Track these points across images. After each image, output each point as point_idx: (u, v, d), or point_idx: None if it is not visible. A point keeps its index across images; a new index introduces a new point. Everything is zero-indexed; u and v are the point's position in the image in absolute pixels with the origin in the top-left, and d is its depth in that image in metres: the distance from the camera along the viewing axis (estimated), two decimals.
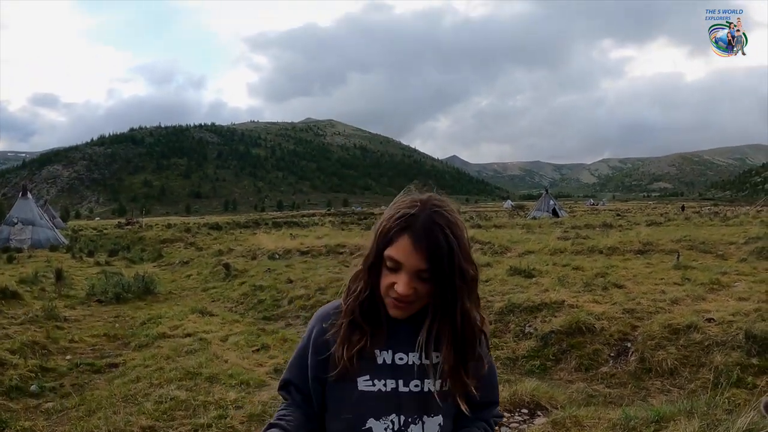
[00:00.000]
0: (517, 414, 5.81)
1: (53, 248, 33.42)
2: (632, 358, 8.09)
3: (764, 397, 2.04)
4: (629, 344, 8.38)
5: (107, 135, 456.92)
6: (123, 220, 69.78)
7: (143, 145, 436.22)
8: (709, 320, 8.29)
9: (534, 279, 12.35)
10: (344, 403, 1.85)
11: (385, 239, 1.75)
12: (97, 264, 25.12)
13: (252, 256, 23.16)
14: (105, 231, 56.60)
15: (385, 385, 1.83)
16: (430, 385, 1.84)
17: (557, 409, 5.80)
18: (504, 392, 6.11)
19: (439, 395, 1.83)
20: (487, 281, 12.22)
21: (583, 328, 8.65)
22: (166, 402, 6.32)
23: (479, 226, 34.62)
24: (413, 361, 1.85)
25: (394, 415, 1.83)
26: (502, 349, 8.64)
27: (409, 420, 1.84)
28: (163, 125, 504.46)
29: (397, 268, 1.72)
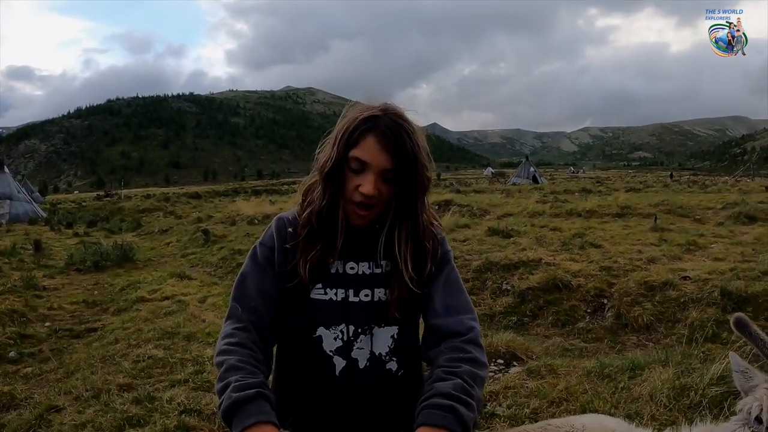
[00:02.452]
0: (492, 364, 5.86)
1: (32, 222, 32.93)
2: (608, 314, 8.20)
3: (735, 315, 2.04)
4: (605, 300, 8.49)
5: (84, 107, 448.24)
6: (102, 193, 68.76)
7: (121, 116, 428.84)
8: (685, 278, 8.42)
9: (512, 239, 12.39)
10: (296, 312, 1.87)
11: (348, 141, 1.75)
12: (76, 235, 24.89)
13: (231, 222, 23.04)
14: (84, 203, 55.96)
15: (336, 294, 1.84)
16: (381, 294, 1.85)
17: (533, 359, 5.87)
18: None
19: (391, 304, 1.84)
20: (464, 241, 12.25)
21: (560, 285, 8.75)
22: (143, 361, 6.32)
23: (458, 192, 34.64)
24: (363, 271, 1.86)
25: (343, 324, 1.85)
26: (479, 305, 8.69)
27: (359, 330, 1.85)
28: (140, 96, 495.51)
29: (362, 169, 1.74)
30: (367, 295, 1.86)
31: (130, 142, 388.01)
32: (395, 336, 1.89)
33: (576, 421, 1.79)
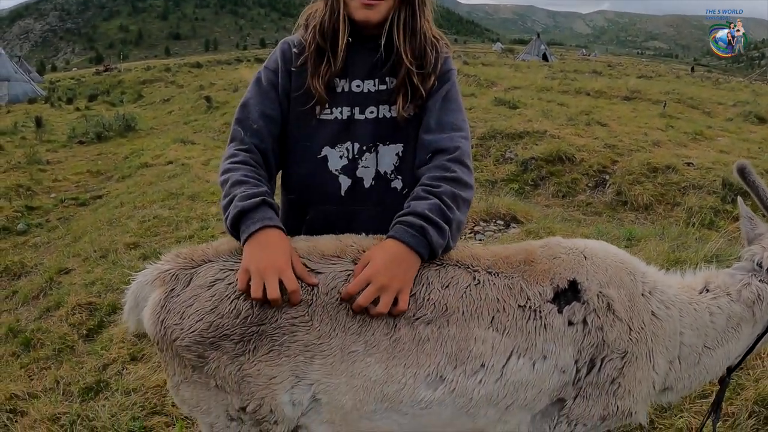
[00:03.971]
0: (492, 224, 5.97)
1: (31, 101, 32.46)
2: (609, 190, 8.25)
3: (739, 161, 2.01)
4: (607, 177, 8.52)
5: None
6: (101, 68, 67.12)
7: None
8: (689, 164, 8.42)
9: (518, 110, 12.30)
10: (302, 132, 1.86)
11: None
12: (77, 110, 24.70)
13: (234, 88, 22.69)
14: (83, 79, 54.91)
15: (341, 112, 1.83)
16: (386, 111, 1.84)
17: (532, 223, 5.96)
18: (480, 204, 6.24)
19: (397, 120, 1.84)
20: (470, 109, 12.10)
21: (564, 157, 8.75)
22: (149, 221, 6.45)
23: (466, 63, 33.89)
24: (369, 89, 1.84)
25: (348, 143, 1.85)
26: (482, 171, 8.76)
27: (364, 148, 1.86)
28: None
29: None
30: (372, 113, 1.85)
31: (128, 15, 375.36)
32: (400, 154, 1.89)
33: (580, 243, 1.81)
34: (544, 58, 57.74)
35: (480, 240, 5.66)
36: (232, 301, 1.54)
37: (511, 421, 1.69)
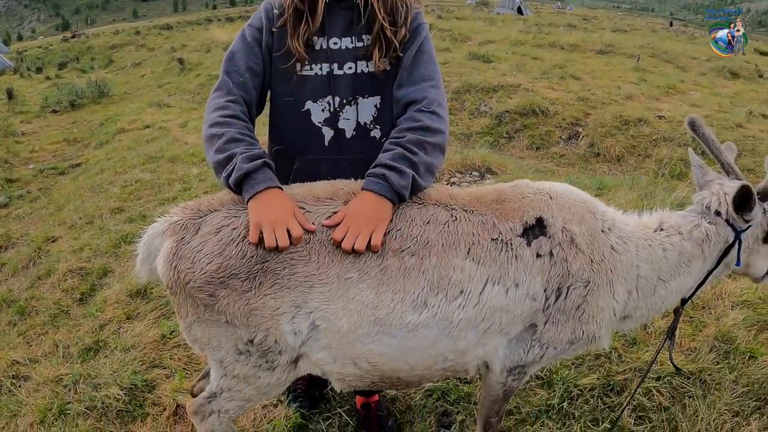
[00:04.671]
0: (468, 176, 6.14)
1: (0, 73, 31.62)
2: (582, 142, 8.42)
3: (690, 115, 2.20)
4: (580, 129, 8.68)
5: None
6: (68, 34, 64.89)
7: None
8: (660, 117, 8.61)
9: (492, 64, 12.38)
10: (285, 88, 2.02)
11: None
12: (48, 79, 24.08)
13: (206, 49, 22.28)
14: (51, 47, 53.22)
15: (321, 69, 1.99)
16: (363, 66, 2.00)
17: (506, 174, 6.13)
18: (456, 156, 6.40)
19: (374, 74, 1.99)
20: (445, 64, 12.15)
21: (538, 110, 8.90)
22: (131, 185, 6.52)
23: (440, 17, 33.49)
24: (346, 46, 1.99)
25: (329, 97, 2.02)
26: (457, 125, 8.88)
27: (344, 101, 2.03)
28: None
29: None
30: (350, 68, 1.99)
31: None
32: (378, 106, 2.05)
33: (546, 184, 1.98)
34: (519, 11, 57.07)
35: None
36: (237, 244, 1.73)
37: (489, 344, 1.89)
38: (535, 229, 1.87)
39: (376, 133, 2.08)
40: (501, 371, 2.00)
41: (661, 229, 2.07)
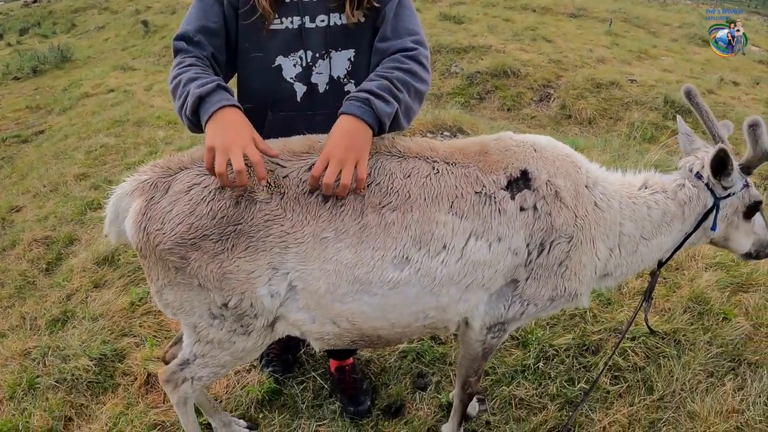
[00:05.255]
0: (440, 136, 6.09)
1: None
2: (554, 104, 8.42)
3: (686, 84, 2.19)
4: (552, 91, 8.66)
5: None
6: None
7: None
8: (632, 81, 8.62)
9: (463, 25, 12.23)
10: (254, 43, 1.90)
11: None
12: (9, 45, 23.08)
13: (171, 11, 21.55)
14: (11, 13, 51.36)
15: (292, 22, 1.88)
16: (336, 19, 1.89)
17: (478, 134, 6.09)
18: (427, 116, 6.33)
19: (347, 26, 1.89)
20: None
21: (509, 71, 8.85)
22: (96, 150, 6.33)
23: None
24: None
25: (301, 51, 1.91)
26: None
27: (317, 55, 1.92)
28: None
29: None
30: (323, 21, 1.89)
31: None
32: (352, 59, 1.95)
33: (530, 137, 1.93)
34: None
35: None
36: (208, 203, 1.63)
37: (471, 299, 1.85)
38: (520, 182, 1.82)
39: (350, 87, 1.98)
40: (481, 328, 1.97)
41: (646, 188, 2.05)
